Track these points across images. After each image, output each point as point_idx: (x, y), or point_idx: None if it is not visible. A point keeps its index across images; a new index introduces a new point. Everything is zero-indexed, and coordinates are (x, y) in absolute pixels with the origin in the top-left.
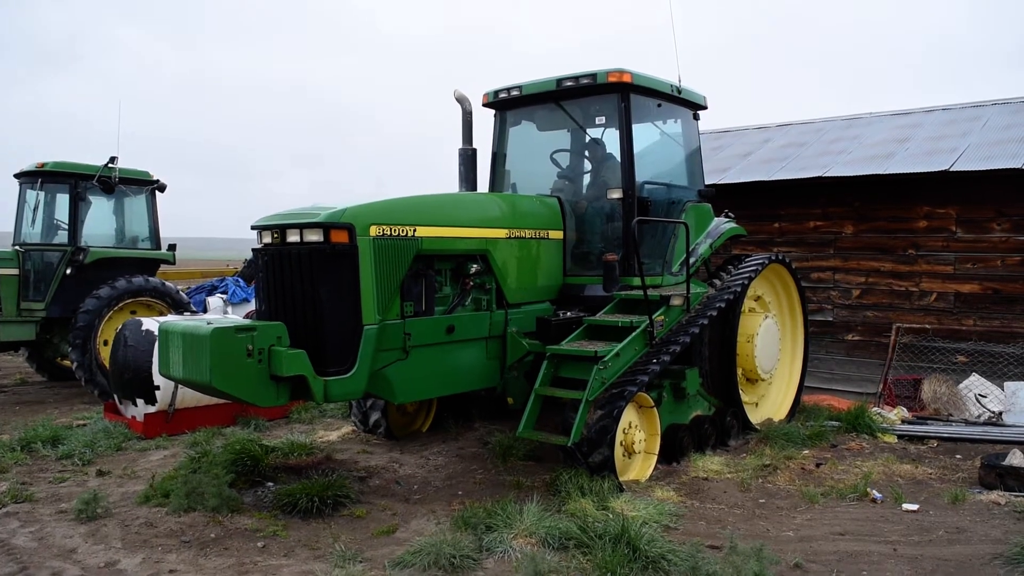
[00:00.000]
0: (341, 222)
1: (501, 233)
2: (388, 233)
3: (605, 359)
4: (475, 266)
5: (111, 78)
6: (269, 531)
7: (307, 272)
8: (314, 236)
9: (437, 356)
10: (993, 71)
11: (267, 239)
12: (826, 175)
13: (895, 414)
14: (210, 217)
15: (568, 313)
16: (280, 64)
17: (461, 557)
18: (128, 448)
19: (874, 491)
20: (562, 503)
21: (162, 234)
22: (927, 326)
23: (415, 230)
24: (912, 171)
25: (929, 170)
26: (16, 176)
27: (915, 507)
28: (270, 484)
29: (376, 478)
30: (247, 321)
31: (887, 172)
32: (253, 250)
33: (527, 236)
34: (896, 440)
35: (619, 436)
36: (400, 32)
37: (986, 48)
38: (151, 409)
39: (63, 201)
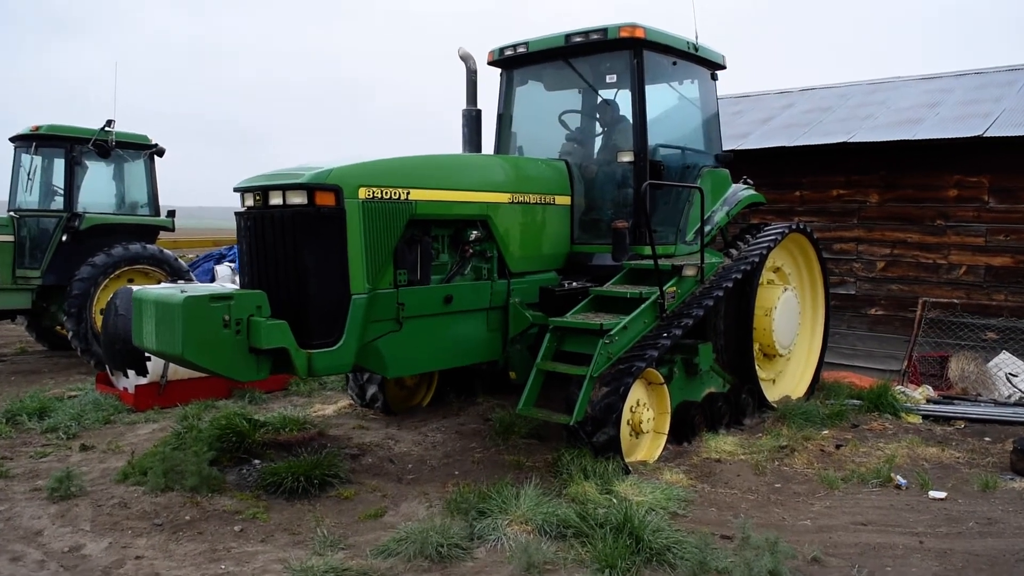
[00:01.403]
0: (327, 183)
1: (503, 197)
2: (379, 196)
3: (611, 333)
4: (475, 232)
5: (115, 45)
6: (249, 513)
7: (290, 237)
8: (298, 198)
9: (433, 328)
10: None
11: (249, 202)
12: (851, 140)
13: (920, 393)
14: (227, 183)
15: (574, 283)
16: (284, 32)
17: (450, 546)
18: (117, 421)
19: (898, 476)
20: (563, 486)
21: (177, 202)
22: (955, 301)
23: (408, 193)
24: (942, 137)
25: (961, 136)
26: (11, 140)
27: (942, 495)
28: (256, 462)
29: (369, 456)
30: (225, 288)
31: (916, 138)
32: (236, 214)
33: (532, 201)
34: (921, 421)
35: (626, 415)
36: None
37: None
38: (142, 381)
39: (60, 166)
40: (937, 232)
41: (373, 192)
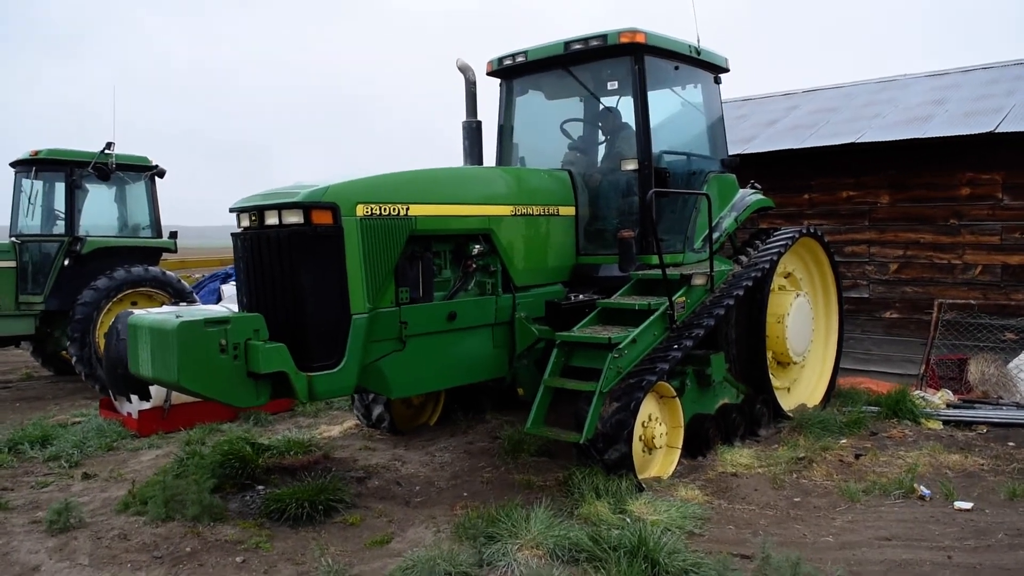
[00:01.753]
0: (323, 201)
1: (505, 210)
2: (377, 212)
3: (620, 346)
4: (477, 247)
5: (116, 63)
6: (252, 543)
7: (287, 257)
8: (293, 218)
9: (437, 346)
10: None
11: (245, 222)
12: (859, 141)
13: (939, 397)
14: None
15: (581, 296)
16: (287, 47)
17: (458, 574)
18: (120, 448)
19: (921, 487)
20: (575, 506)
21: (186, 221)
22: (972, 301)
23: (408, 208)
24: (953, 134)
25: (972, 132)
26: (12, 165)
27: (968, 505)
28: (260, 488)
29: (376, 478)
30: (221, 313)
31: (925, 136)
32: (232, 235)
33: (535, 213)
34: (941, 426)
35: (638, 430)
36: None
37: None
38: (146, 406)
39: (60, 190)
40: (951, 231)
41: (371, 209)
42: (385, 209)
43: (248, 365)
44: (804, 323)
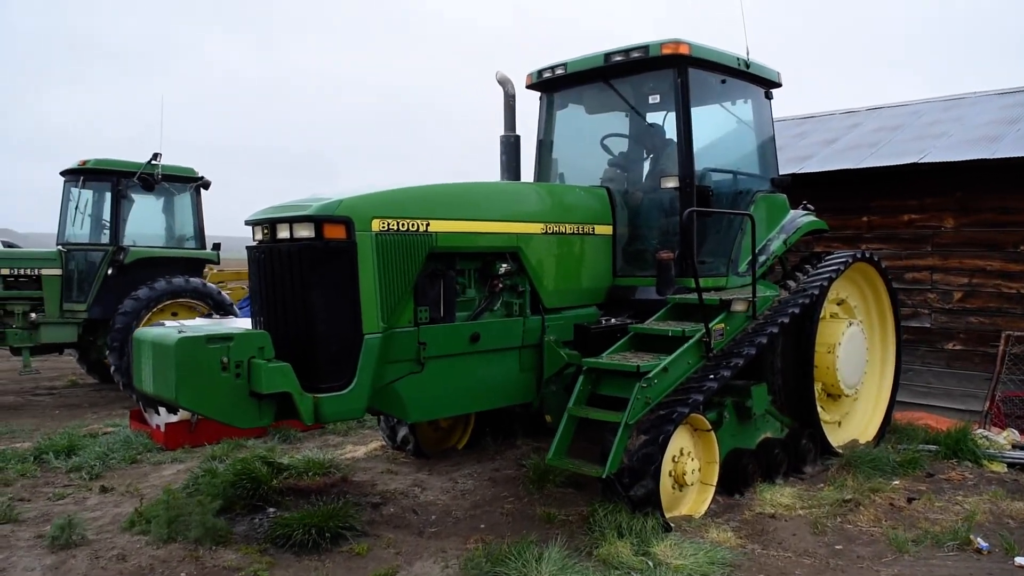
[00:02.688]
0: (336, 215)
1: (536, 228)
2: (394, 227)
3: (649, 375)
4: (505, 265)
5: (183, 82)
6: (251, 570)
7: (297, 273)
8: (305, 231)
9: (459, 368)
10: None
11: (259, 236)
12: (923, 161)
13: (1004, 437)
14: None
15: (613, 319)
16: (349, 63)
17: None
18: (143, 461)
19: (979, 539)
20: (594, 545)
21: (236, 233)
22: None
23: (428, 224)
24: None
25: None
26: (61, 174)
27: None
28: (271, 510)
29: (392, 504)
30: (226, 329)
31: (995, 156)
32: (247, 248)
33: (568, 232)
34: (1006, 469)
35: (667, 465)
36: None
37: None
38: (173, 419)
39: (108, 199)
40: (1020, 259)
41: (388, 224)
42: (403, 224)
43: (251, 384)
44: (857, 353)
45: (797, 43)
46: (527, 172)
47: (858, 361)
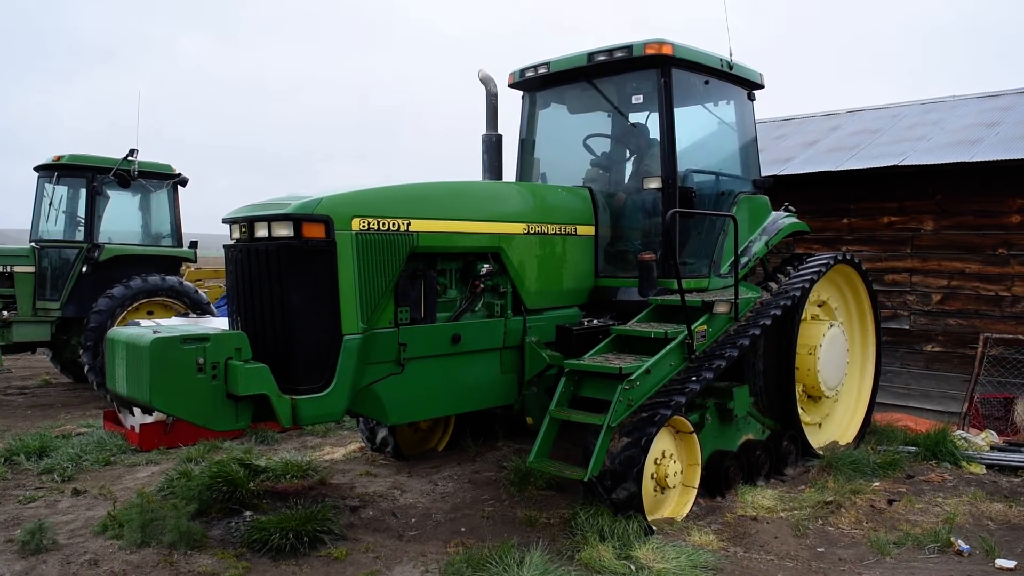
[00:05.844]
0: (315, 214)
1: (517, 228)
2: (375, 227)
3: (632, 377)
4: (486, 266)
5: (152, 78)
6: (227, 575)
7: (275, 272)
8: (284, 230)
9: (439, 370)
10: None
11: (236, 234)
12: (903, 163)
13: (983, 439)
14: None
15: (595, 321)
16: (316, 63)
17: None
18: (117, 463)
19: (959, 540)
20: (576, 549)
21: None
22: (1020, 336)
23: (409, 224)
24: (1004, 158)
25: None
26: (35, 169)
27: (1011, 564)
28: (248, 514)
29: (371, 508)
30: (202, 330)
31: (974, 160)
32: (224, 247)
33: (550, 232)
34: (984, 470)
35: (649, 468)
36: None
37: None
38: (148, 419)
39: (83, 196)
40: (999, 262)
41: (368, 223)
42: (384, 224)
43: (227, 386)
44: (838, 355)
45: (777, 46)
46: (509, 172)
47: (839, 363)
